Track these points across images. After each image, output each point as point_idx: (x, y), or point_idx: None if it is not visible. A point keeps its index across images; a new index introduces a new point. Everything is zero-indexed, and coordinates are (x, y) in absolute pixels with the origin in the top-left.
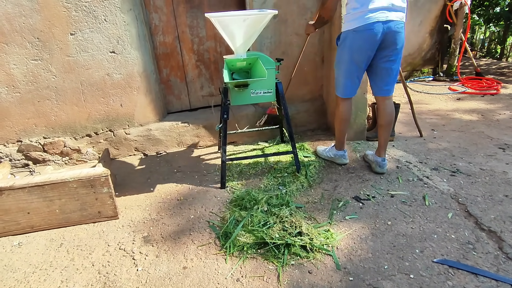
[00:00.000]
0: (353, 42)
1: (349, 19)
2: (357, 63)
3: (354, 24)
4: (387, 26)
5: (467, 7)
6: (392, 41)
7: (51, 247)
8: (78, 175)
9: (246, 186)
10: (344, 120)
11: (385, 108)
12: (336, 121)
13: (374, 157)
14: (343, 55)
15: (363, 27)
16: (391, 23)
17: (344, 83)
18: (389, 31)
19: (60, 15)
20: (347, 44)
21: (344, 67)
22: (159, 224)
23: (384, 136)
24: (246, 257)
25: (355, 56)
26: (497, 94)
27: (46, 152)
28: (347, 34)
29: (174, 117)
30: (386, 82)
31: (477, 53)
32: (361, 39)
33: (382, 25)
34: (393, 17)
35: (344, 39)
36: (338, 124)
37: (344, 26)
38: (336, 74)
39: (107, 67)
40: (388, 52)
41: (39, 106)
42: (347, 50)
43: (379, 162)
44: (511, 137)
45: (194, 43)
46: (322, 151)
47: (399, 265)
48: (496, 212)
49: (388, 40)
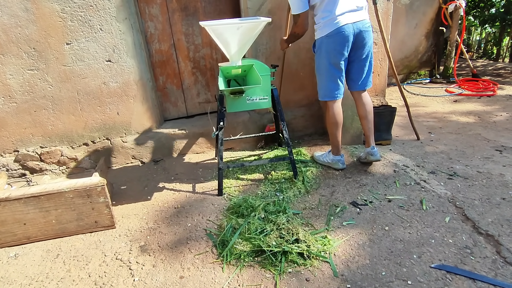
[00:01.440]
0: (328, 46)
1: (320, 27)
2: (336, 65)
3: (326, 30)
4: (357, 27)
5: (462, 9)
6: (363, 40)
7: (48, 258)
8: (74, 185)
9: (243, 192)
10: (335, 123)
11: (362, 100)
12: (328, 126)
13: (364, 149)
14: (321, 60)
15: (335, 31)
16: (359, 23)
17: (328, 86)
18: (359, 31)
19: (56, 25)
20: (323, 49)
21: (325, 71)
22: (156, 233)
23: (367, 126)
24: (243, 265)
25: (332, 59)
26: (494, 95)
27: (43, 161)
28: (321, 40)
29: (171, 124)
30: (361, 78)
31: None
32: (335, 42)
33: (352, 26)
34: (360, 17)
35: (320, 46)
36: (331, 128)
37: (317, 34)
38: (319, 80)
39: (103, 76)
40: (361, 51)
41: (36, 115)
42: (324, 55)
43: (369, 151)
44: (508, 139)
45: (190, 51)
46: (319, 157)
47: (396, 271)
48: (494, 216)
49: (359, 39)
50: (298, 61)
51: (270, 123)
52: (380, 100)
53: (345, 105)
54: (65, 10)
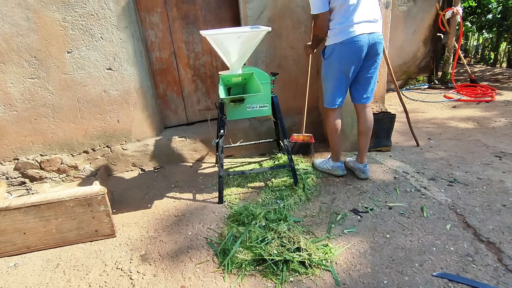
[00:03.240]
0: (341, 54)
1: (335, 33)
2: (345, 74)
3: (341, 37)
4: (372, 38)
5: (459, 15)
6: (375, 52)
7: (48, 267)
8: (75, 194)
9: (244, 200)
10: (336, 130)
11: (365, 115)
12: (328, 133)
13: (356, 164)
14: (331, 68)
15: (350, 39)
16: (374, 34)
17: (334, 94)
18: (374, 42)
19: (57, 34)
20: (335, 56)
21: (333, 79)
22: (156, 241)
23: (364, 143)
24: (244, 274)
25: (343, 68)
26: (492, 101)
27: (43, 169)
28: (334, 47)
29: (171, 132)
30: (367, 90)
31: (471, 60)
32: (348, 51)
33: (367, 36)
34: (376, 29)
35: (332, 52)
36: (331, 135)
37: (330, 40)
38: (325, 87)
39: (103, 84)
40: (371, 62)
41: (36, 123)
42: (335, 63)
43: (361, 168)
44: (507, 144)
45: (190, 58)
46: (319, 164)
47: (398, 280)
48: (495, 223)
49: (372, 51)
50: (297, 68)
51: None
52: (380, 106)
53: (345, 112)
54: (66, 19)
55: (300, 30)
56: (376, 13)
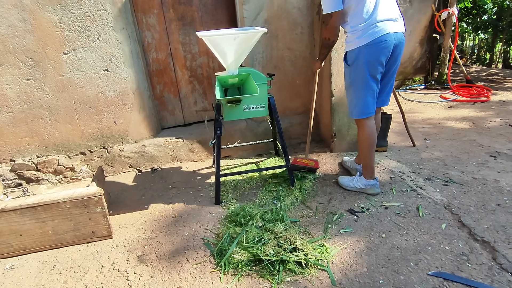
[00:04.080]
0: (369, 56)
1: (358, 35)
2: (374, 78)
3: (366, 39)
4: (397, 37)
5: (455, 16)
6: (399, 52)
7: (44, 269)
8: (71, 195)
9: (241, 201)
10: (371, 144)
11: (377, 118)
12: (363, 147)
13: (354, 165)
14: (359, 73)
15: (377, 39)
16: (398, 34)
17: (366, 101)
18: (398, 42)
19: (54, 35)
20: (362, 60)
21: (363, 85)
22: (153, 242)
23: None
24: (241, 275)
25: (372, 71)
26: (487, 101)
27: (40, 171)
28: (360, 50)
29: (168, 133)
30: (387, 92)
31: (468, 60)
32: (376, 53)
33: (393, 36)
34: (400, 29)
35: (357, 57)
36: (365, 150)
37: (353, 44)
38: (353, 95)
39: (100, 85)
40: (393, 63)
41: (32, 125)
42: (364, 67)
43: (360, 169)
44: (502, 144)
45: (187, 59)
46: (348, 183)
47: (394, 279)
48: (489, 222)
49: (396, 51)
50: (294, 69)
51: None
52: None
53: (341, 112)
54: (62, 20)
55: (297, 31)
56: (396, 11)
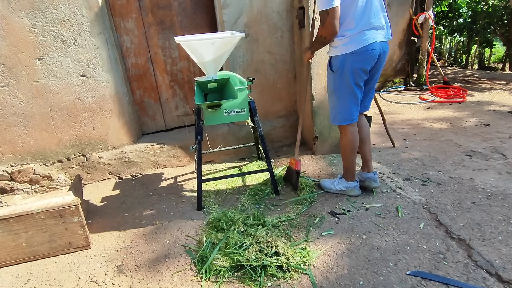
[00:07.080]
0: (354, 64)
1: (344, 41)
2: (358, 86)
3: (353, 47)
4: (381, 47)
5: (431, 20)
6: (382, 60)
7: (17, 284)
8: (46, 206)
9: (223, 206)
10: (354, 148)
11: (362, 122)
12: (344, 152)
13: (364, 174)
14: (344, 80)
15: (364, 48)
16: (384, 43)
17: (350, 108)
18: (383, 51)
19: (27, 41)
20: (347, 68)
21: (347, 92)
22: (133, 251)
23: (368, 150)
24: (222, 281)
25: (357, 79)
26: (464, 102)
27: (14, 180)
28: (345, 57)
29: (149, 138)
30: (369, 98)
31: (445, 62)
32: (362, 61)
33: (379, 44)
34: (385, 38)
35: (342, 64)
36: (348, 154)
37: (339, 50)
38: (336, 102)
39: (77, 91)
40: (376, 70)
41: (6, 133)
42: (348, 74)
43: (372, 177)
44: (477, 144)
45: (167, 64)
46: (329, 185)
47: (374, 280)
48: (465, 220)
49: (380, 60)
50: (275, 72)
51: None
52: None
53: (322, 115)
54: (36, 25)
55: (277, 35)
56: (384, 19)
